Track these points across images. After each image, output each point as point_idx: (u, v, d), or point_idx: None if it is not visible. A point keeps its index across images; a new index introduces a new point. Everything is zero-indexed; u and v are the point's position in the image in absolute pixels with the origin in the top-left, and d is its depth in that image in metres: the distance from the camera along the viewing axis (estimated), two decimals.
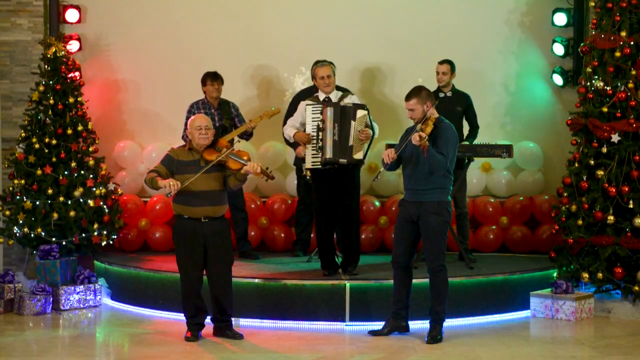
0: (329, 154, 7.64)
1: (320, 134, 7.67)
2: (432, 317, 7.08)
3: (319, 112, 7.72)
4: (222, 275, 7.12)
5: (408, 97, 7.10)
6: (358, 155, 7.66)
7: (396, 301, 7.22)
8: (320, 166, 7.72)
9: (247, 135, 8.78)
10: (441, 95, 8.69)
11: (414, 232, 7.10)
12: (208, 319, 7.26)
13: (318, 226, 7.96)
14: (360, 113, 7.66)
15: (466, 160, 8.57)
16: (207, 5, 9.92)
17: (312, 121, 7.75)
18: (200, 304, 7.13)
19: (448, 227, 7.11)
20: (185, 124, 8.85)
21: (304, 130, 7.83)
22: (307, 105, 7.86)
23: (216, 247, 7.08)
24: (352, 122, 7.63)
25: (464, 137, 8.76)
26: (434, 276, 7.06)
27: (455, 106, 8.67)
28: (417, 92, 7.09)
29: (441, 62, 8.70)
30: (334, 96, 7.92)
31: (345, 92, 8.05)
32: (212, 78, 8.84)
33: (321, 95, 7.95)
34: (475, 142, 8.71)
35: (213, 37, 9.87)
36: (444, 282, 7.08)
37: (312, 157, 7.75)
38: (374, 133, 7.79)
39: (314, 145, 7.72)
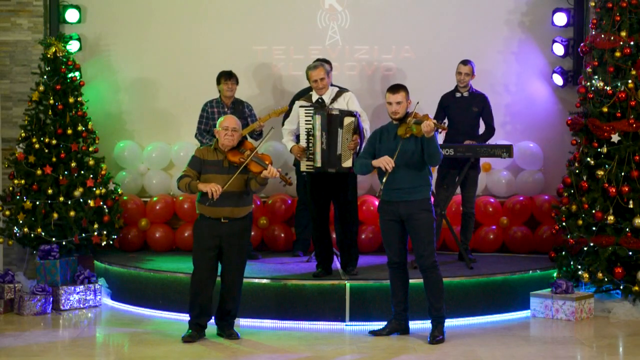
0: (318, 163, 7.68)
1: (311, 139, 7.70)
2: (433, 316, 7.07)
3: (311, 115, 7.72)
4: (232, 276, 7.14)
5: (396, 90, 7.02)
6: (347, 164, 7.64)
7: (398, 302, 7.19)
8: (313, 171, 7.76)
9: (256, 135, 8.75)
10: (457, 95, 8.70)
11: (402, 231, 7.07)
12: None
13: (314, 229, 7.98)
14: (347, 120, 7.61)
15: (472, 160, 8.55)
16: (207, 4, 9.93)
17: (306, 124, 7.75)
18: (206, 305, 7.11)
19: (434, 222, 7.10)
20: (199, 123, 8.87)
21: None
22: (300, 107, 7.86)
23: (231, 248, 7.08)
24: (340, 130, 7.60)
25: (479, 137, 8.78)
26: (430, 274, 7.02)
27: (471, 106, 8.69)
28: (403, 87, 7.08)
29: (465, 63, 8.65)
30: (328, 96, 7.87)
31: (342, 90, 8.00)
32: (226, 77, 8.82)
33: (314, 96, 7.92)
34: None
35: (214, 37, 9.88)
36: (439, 278, 7.05)
37: (307, 161, 7.77)
38: (362, 137, 7.73)
39: (307, 150, 7.74)
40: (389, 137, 7.02)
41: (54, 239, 8.74)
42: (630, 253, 7.97)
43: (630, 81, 8.13)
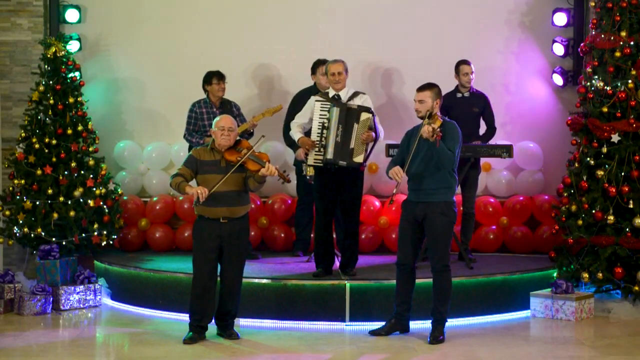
0: (330, 155, 7.65)
1: (325, 132, 7.69)
2: (435, 317, 7.07)
3: (327, 109, 7.72)
4: (231, 276, 7.12)
5: (423, 88, 7.07)
6: (358, 159, 7.65)
7: (402, 302, 7.19)
8: (321, 164, 7.73)
9: (247, 135, 8.77)
10: (459, 95, 8.71)
11: (419, 233, 7.09)
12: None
13: (317, 227, 7.96)
14: (364, 116, 7.63)
15: (472, 160, 8.55)
16: (208, 4, 9.93)
17: (320, 117, 7.74)
18: (208, 307, 7.09)
19: (453, 227, 7.11)
20: (187, 124, 8.87)
21: (311, 127, 7.84)
22: (316, 101, 7.86)
23: (231, 248, 7.07)
24: (355, 125, 7.62)
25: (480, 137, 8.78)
26: (439, 276, 7.04)
27: (472, 107, 8.69)
28: (432, 86, 7.09)
29: (467, 63, 8.65)
30: (344, 94, 7.89)
31: (358, 91, 7.97)
32: (218, 77, 8.81)
33: (331, 92, 7.93)
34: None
35: (213, 37, 9.89)
36: (449, 282, 7.06)
37: (315, 155, 7.76)
38: (377, 136, 7.76)
39: (318, 142, 7.72)
40: (415, 139, 7.03)
41: (54, 239, 8.74)
42: (630, 253, 7.97)
43: (630, 81, 8.13)
